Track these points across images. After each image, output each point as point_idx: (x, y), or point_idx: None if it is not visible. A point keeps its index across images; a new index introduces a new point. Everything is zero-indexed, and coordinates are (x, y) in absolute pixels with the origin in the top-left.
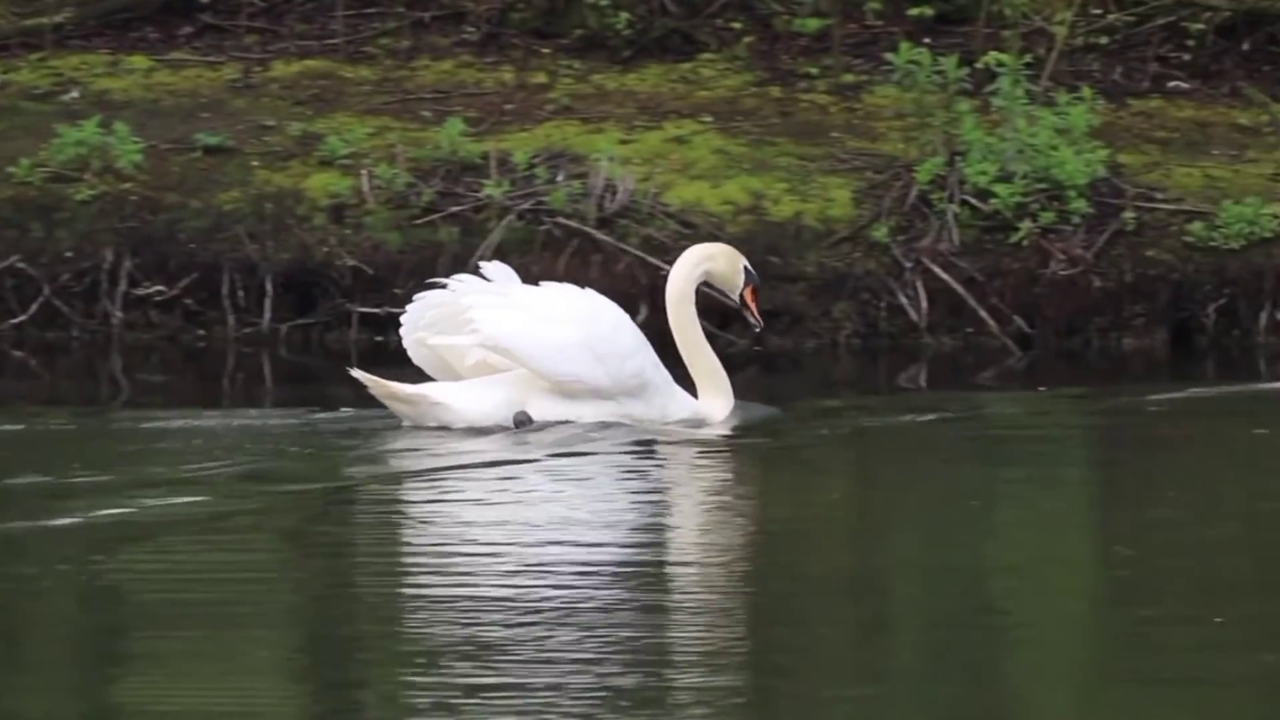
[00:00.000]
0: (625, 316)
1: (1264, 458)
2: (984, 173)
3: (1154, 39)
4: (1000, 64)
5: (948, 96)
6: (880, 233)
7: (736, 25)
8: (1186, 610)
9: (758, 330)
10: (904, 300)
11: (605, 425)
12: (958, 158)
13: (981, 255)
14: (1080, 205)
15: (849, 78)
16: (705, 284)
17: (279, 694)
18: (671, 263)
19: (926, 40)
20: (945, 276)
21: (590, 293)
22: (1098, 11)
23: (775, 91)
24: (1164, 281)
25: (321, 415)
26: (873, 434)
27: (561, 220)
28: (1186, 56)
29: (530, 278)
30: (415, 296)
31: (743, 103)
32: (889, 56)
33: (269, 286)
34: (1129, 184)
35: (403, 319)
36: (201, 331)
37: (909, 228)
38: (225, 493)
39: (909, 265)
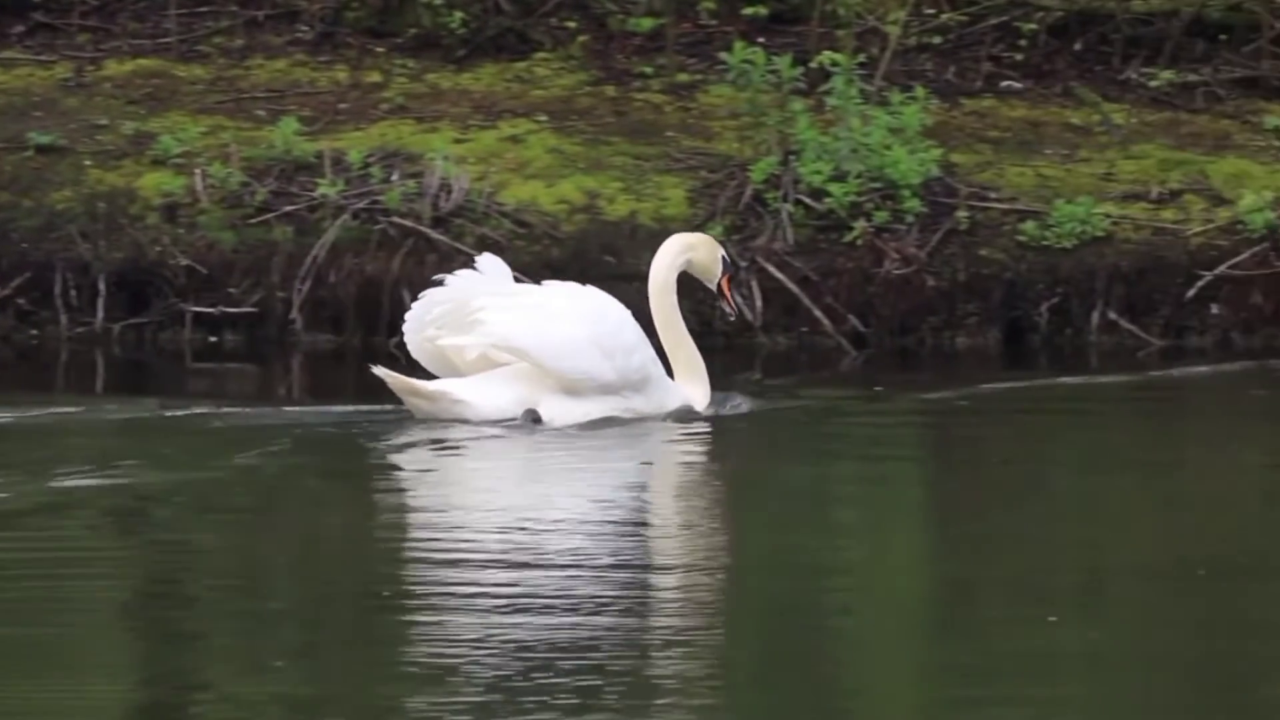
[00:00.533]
0: (627, 313)
1: (1094, 453)
2: (818, 172)
3: (987, 39)
4: (834, 63)
5: (782, 96)
6: (715, 232)
7: (571, 24)
8: (1019, 609)
9: (732, 318)
10: (739, 298)
11: (610, 419)
12: (792, 157)
13: (816, 254)
14: (914, 204)
15: (683, 77)
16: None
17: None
18: (507, 261)
19: (761, 40)
20: (780, 275)
21: (593, 290)
22: (931, 11)
23: (610, 91)
24: (997, 280)
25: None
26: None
27: (396, 220)
28: (1019, 56)
29: (365, 277)
30: (421, 294)
31: (577, 102)
32: (723, 56)
33: (102, 286)
34: (962, 183)
35: (407, 316)
36: (34, 331)
37: (744, 227)
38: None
39: (744, 265)
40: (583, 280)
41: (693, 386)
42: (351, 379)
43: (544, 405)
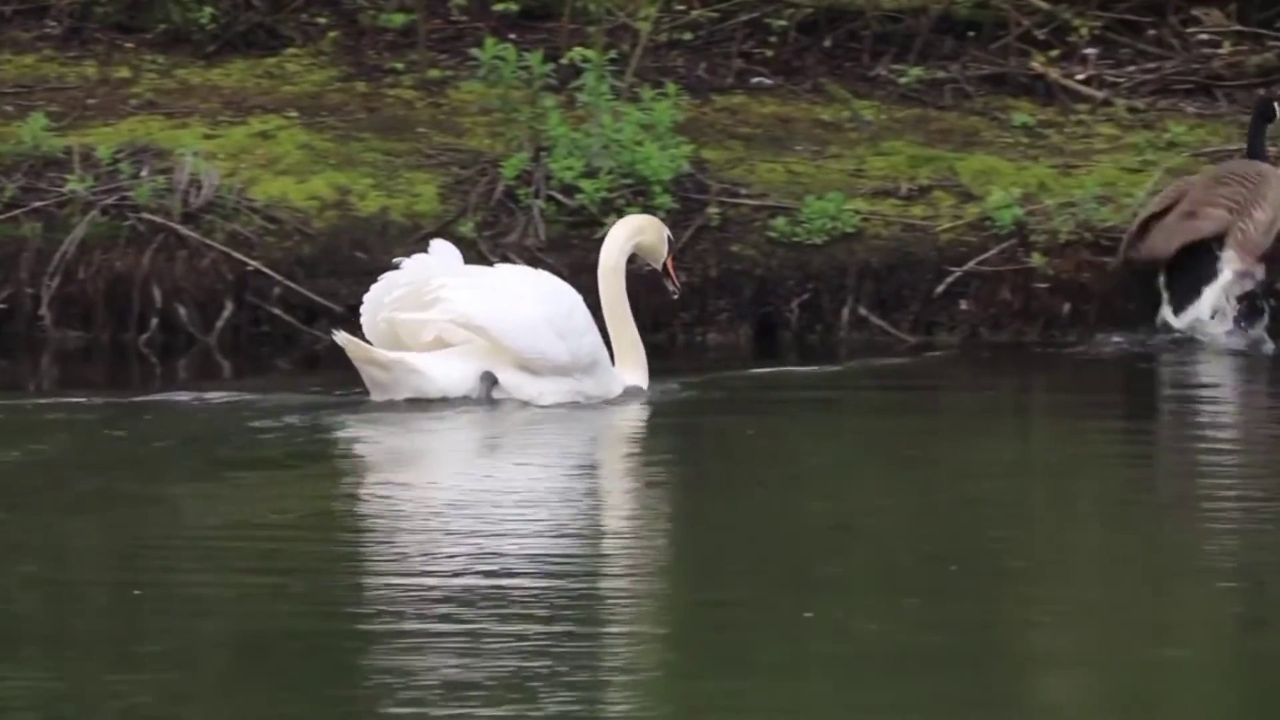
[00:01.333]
0: (579, 297)
1: (853, 446)
2: (570, 168)
3: (737, 35)
4: (585, 60)
5: (533, 92)
6: (466, 228)
7: (321, 20)
8: (774, 599)
9: (676, 296)
10: None
11: (560, 401)
12: (543, 153)
13: (568, 250)
14: (665, 201)
15: (435, 73)
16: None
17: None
18: (257, 258)
19: (512, 36)
20: None
21: (546, 273)
22: (681, 8)
23: (361, 87)
24: (748, 276)
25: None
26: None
27: (146, 215)
28: (769, 53)
29: (115, 273)
30: (380, 278)
31: (328, 98)
32: (474, 52)
33: None
34: (713, 180)
35: (365, 299)
36: None
37: (495, 223)
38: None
39: (495, 260)
40: (335, 277)
41: (633, 371)
42: (102, 374)
43: (500, 379)
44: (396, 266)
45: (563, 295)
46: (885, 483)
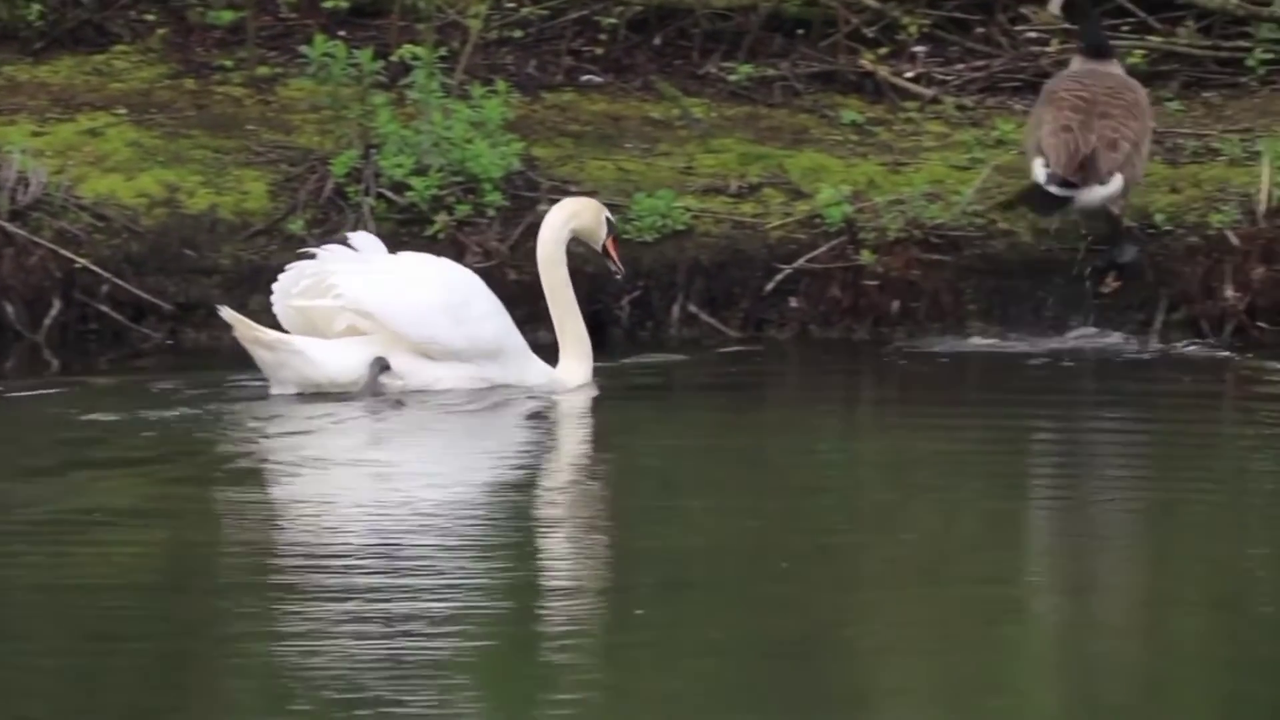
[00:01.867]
0: (482, 283)
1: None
2: (400, 166)
3: (567, 33)
4: (415, 57)
5: (363, 90)
6: (296, 225)
7: (150, 17)
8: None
9: (619, 277)
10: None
11: (462, 388)
12: (373, 151)
13: (398, 248)
14: (496, 198)
15: (264, 70)
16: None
17: None
18: (85, 256)
19: (341, 33)
20: None
21: (448, 261)
22: (511, 6)
23: (190, 84)
24: (579, 274)
25: None
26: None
27: None
28: (599, 50)
29: None
30: (287, 266)
31: (157, 95)
32: (304, 50)
33: None
34: (544, 177)
35: (274, 287)
36: None
37: (325, 220)
38: None
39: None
40: (164, 275)
41: (574, 361)
42: None
43: (395, 363)
44: (310, 256)
45: (462, 282)
46: (714, 477)
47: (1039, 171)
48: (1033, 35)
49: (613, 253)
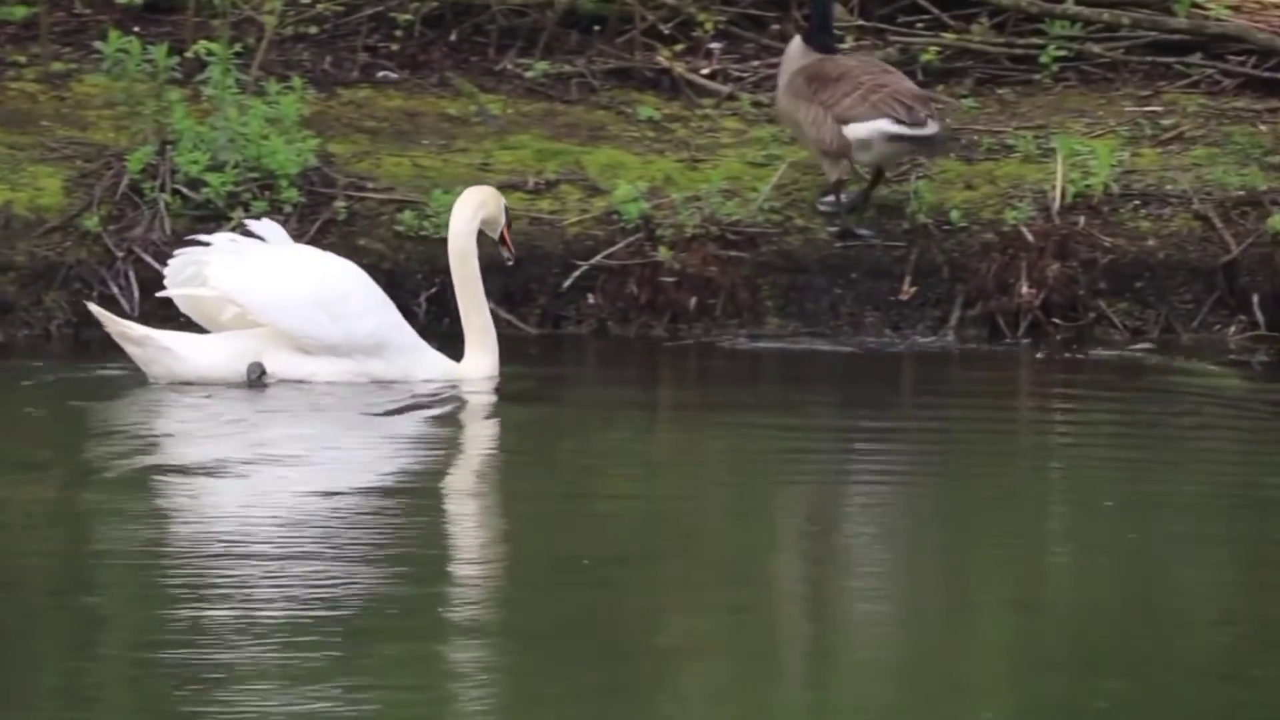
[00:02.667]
0: (365, 277)
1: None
2: (195, 162)
3: (362, 29)
4: (210, 53)
5: (158, 86)
6: (92, 222)
7: None
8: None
9: (510, 263)
10: (116, 290)
11: (340, 383)
12: (169, 147)
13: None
14: (292, 194)
15: (58, 66)
16: None
17: None
18: None
19: (136, 29)
20: (158, 266)
21: (331, 255)
22: (306, 1)
23: None
24: (377, 270)
25: None
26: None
27: None
28: (395, 47)
29: None
30: (177, 252)
31: None
32: (98, 45)
33: None
34: (340, 173)
35: (166, 272)
36: None
37: (121, 217)
38: None
39: (121, 255)
40: None
41: (479, 354)
42: None
43: (269, 361)
44: (203, 243)
45: (341, 275)
46: (506, 476)
47: (889, 127)
48: None
49: (508, 239)
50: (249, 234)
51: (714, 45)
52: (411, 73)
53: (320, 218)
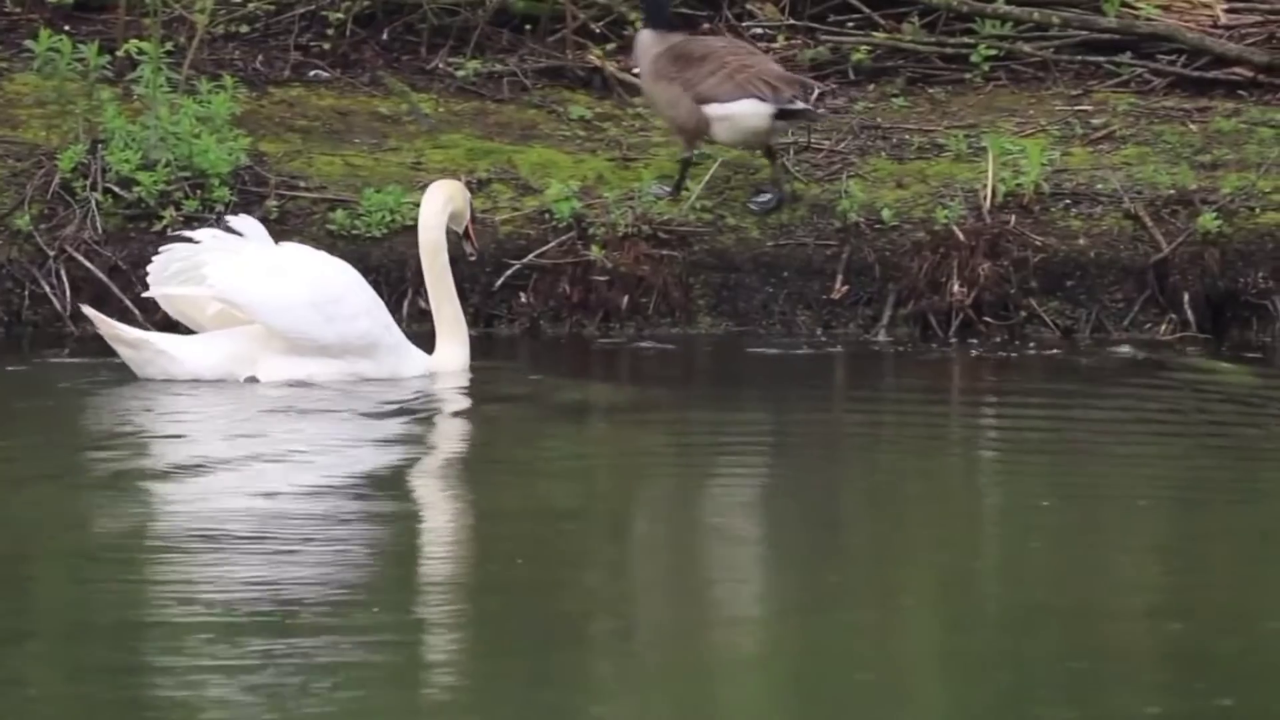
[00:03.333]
0: (358, 277)
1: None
2: (127, 161)
3: (294, 28)
4: (141, 52)
5: (89, 85)
6: (23, 221)
7: None
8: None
9: (473, 257)
10: (47, 289)
11: (331, 383)
12: (100, 146)
13: (126, 243)
14: (223, 194)
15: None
16: None
17: None
18: None
19: (67, 28)
20: (89, 265)
21: (324, 254)
22: (238, 1)
23: None
24: None
25: None
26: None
27: None
28: (326, 46)
29: None
30: (161, 248)
31: None
32: (29, 44)
33: None
34: (272, 172)
35: (149, 269)
36: None
37: (52, 216)
38: None
39: (52, 254)
40: None
41: (451, 347)
42: None
43: (261, 362)
44: (186, 239)
45: (335, 275)
46: (442, 478)
47: (761, 107)
48: (758, 31)
49: (471, 234)
50: (229, 230)
51: None
52: (343, 72)
53: (252, 217)
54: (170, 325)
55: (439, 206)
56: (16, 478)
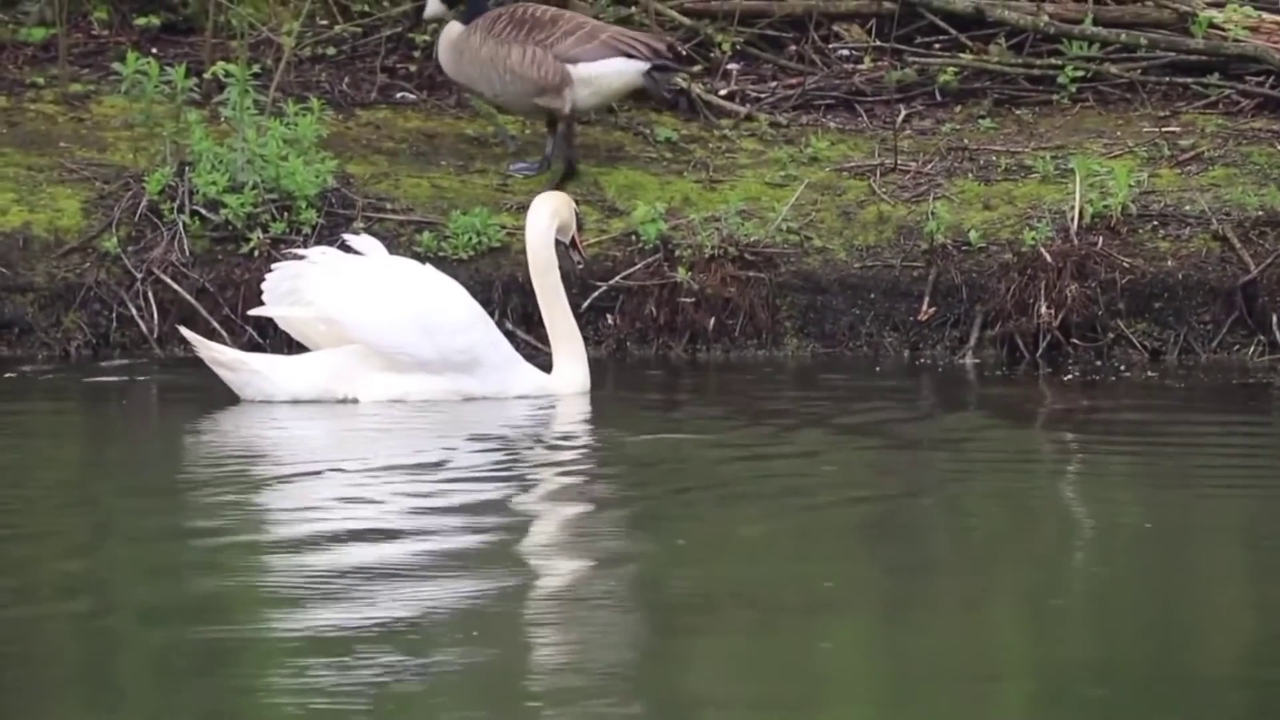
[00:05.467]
0: (462, 293)
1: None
2: (214, 183)
3: (380, 50)
4: (229, 75)
5: (176, 107)
6: (110, 243)
7: None
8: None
9: (581, 267)
10: (134, 311)
11: (433, 401)
12: (188, 168)
13: (213, 266)
14: (310, 216)
15: (77, 88)
16: None
17: None
18: None
19: (154, 51)
20: (177, 287)
21: (428, 268)
22: (324, 23)
23: (1, 101)
24: None
25: None
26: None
27: None
28: (413, 68)
29: None
30: (274, 266)
31: None
32: (116, 67)
33: None
34: (359, 194)
35: (264, 287)
36: None
37: (140, 238)
38: None
39: (140, 276)
40: None
41: (569, 366)
42: None
43: (360, 381)
44: (297, 257)
45: (438, 290)
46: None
47: (632, 64)
48: (845, 53)
49: (579, 244)
50: (347, 249)
51: (732, 66)
52: (429, 94)
53: (338, 239)
54: (257, 346)
55: (546, 222)
56: (122, 491)
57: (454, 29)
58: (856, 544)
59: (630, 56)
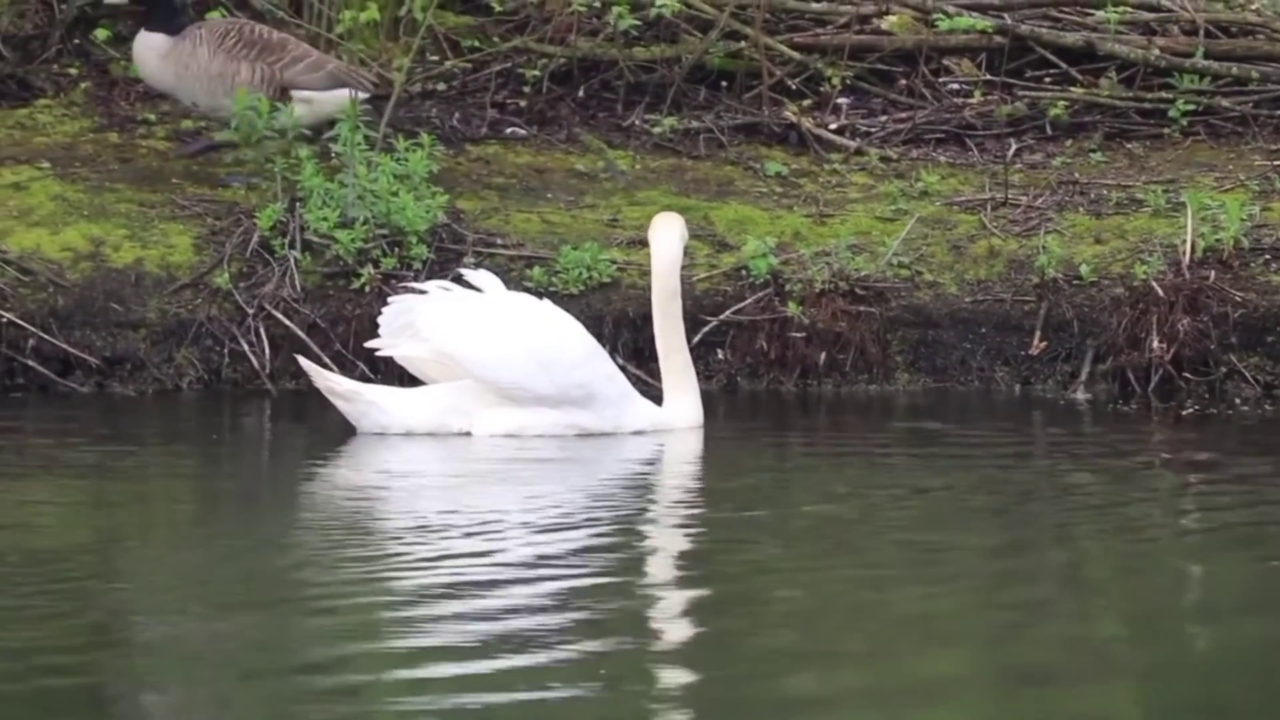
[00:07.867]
0: (578, 327)
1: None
2: (325, 219)
3: (491, 86)
4: (340, 110)
5: (287, 143)
6: (222, 279)
7: (73, 71)
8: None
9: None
10: (246, 347)
11: (548, 436)
12: (299, 204)
13: (324, 301)
14: (421, 251)
15: (188, 124)
16: None
17: None
18: (10, 310)
19: None
20: (288, 323)
21: (546, 303)
22: (435, 59)
23: (114, 137)
24: None
25: None
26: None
27: None
28: (523, 103)
29: None
30: (390, 300)
31: (81, 149)
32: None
33: None
34: (469, 230)
35: (379, 321)
36: None
37: (251, 274)
38: None
39: (251, 311)
40: (90, 329)
41: (682, 399)
42: None
43: (475, 415)
44: (415, 291)
45: (554, 324)
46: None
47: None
48: (955, 87)
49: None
50: (463, 283)
51: (842, 100)
52: (540, 129)
53: (449, 275)
54: (368, 380)
55: (673, 252)
56: (244, 525)
57: (155, 38)
58: (976, 591)
59: (355, 89)
